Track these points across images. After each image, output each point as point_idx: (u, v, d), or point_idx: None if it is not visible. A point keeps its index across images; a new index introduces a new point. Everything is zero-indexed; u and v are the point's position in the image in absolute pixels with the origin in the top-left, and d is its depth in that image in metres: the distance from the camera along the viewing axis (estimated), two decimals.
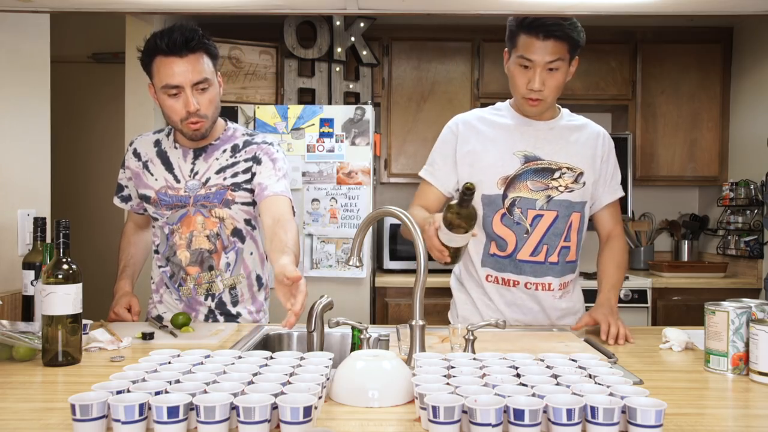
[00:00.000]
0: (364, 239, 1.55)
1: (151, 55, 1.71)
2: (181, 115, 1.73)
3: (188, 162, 1.85)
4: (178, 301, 1.89)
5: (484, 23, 3.73)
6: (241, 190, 1.83)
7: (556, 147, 1.82)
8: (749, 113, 3.65)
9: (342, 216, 3.24)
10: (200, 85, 1.71)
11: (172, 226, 1.85)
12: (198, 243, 1.83)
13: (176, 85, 1.69)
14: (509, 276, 1.83)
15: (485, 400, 0.97)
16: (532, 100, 1.76)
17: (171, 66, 1.68)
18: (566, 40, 1.70)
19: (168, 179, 1.85)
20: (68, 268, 1.39)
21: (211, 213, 1.83)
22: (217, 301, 1.88)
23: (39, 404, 1.15)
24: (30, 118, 2.10)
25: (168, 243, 1.87)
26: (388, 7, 1.87)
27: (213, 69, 1.76)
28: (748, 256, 3.53)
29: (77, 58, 4.01)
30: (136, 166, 1.89)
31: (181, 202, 1.83)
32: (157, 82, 1.72)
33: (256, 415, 0.94)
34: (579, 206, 1.83)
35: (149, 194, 1.86)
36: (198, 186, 1.83)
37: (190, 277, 1.86)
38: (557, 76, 1.73)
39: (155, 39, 1.69)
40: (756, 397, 1.22)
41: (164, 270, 1.89)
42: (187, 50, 1.68)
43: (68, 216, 1.54)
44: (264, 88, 3.61)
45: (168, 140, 1.89)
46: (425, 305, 1.42)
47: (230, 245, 1.85)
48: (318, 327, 1.48)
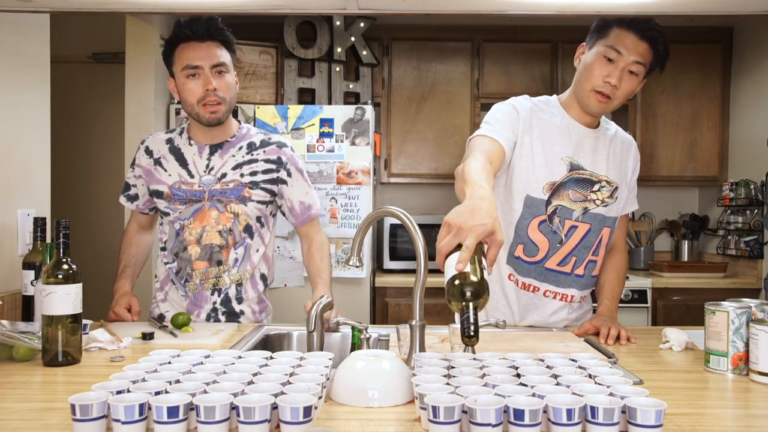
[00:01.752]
0: (364, 239, 1.55)
1: (174, 43, 1.81)
2: (198, 95, 1.79)
3: (203, 158, 1.88)
4: (183, 297, 1.90)
5: (484, 23, 3.72)
6: (258, 188, 1.87)
7: (596, 157, 1.76)
8: (749, 113, 3.65)
9: (342, 216, 3.24)
10: (218, 68, 1.79)
11: (184, 222, 1.87)
12: (209, 238, 1.85)
13: (196, 65, 1.78)
14: (531, 281, 1.78)
15: (485, 400, 0.97)
16: (603, 95, 1.66)
17: (191, 49, 1.78)
18: (655, 49, 1.64)
19: (182, 174, 1.87)
20: (68, 268, 1.39)
21: (226, 208, 1.86)
22: (223, 297, 1.88)
23: (39, 404, 1.15)
24: (30, 118, 2.10)
25: (178, 239, 1.88)
26: (388, 7, 1.87)
27: (231, 60, 1.84)
28: (748, 256, 3.53)
29: (77, 58, 4.01)
30: (148, 163, 1.91)
31: (196, 197, 1.86)
32: (178, 65, 1.80)
33: (256, 415, 0.94)
34: (610, 221, 1.79)
35: (162, 189, 1.87)
36: (213, 181, 1.86)
37: (197, 272, 1.87)
38: (632, 82, 1.66)
39: (179, 27, 1.79)
40: (756, 397, 1.22)
41: (170, 266, 1.90)
42: (208, 37, 1.79)
43: (68, 216, 1.54)
44: (264, 88, 3.61)
45: (181, 138, 1.92)
46: (425, 305, 1.42)
47: (240, 241, 1.88)
48: (318, 327, 1.49)
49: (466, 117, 3.78)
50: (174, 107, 3.36)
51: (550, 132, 1.73)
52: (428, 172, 3.81)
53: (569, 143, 1.74)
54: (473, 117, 3.78)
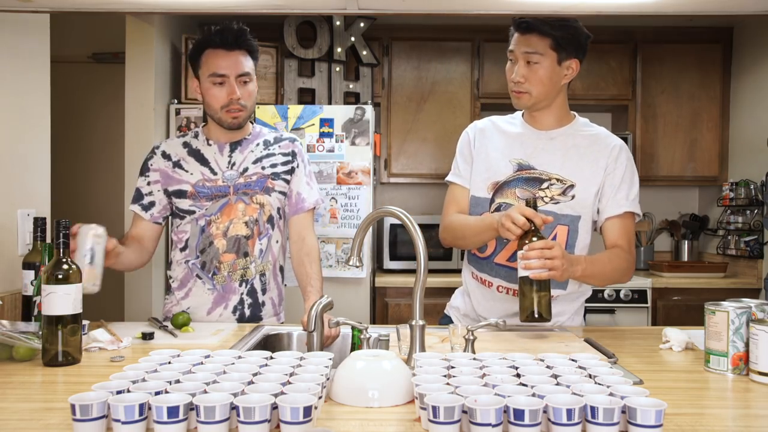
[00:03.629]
0: (364, 239, 1.55)
1: (201, 48, 1.88)
2: (222, 102, 1.87)
3: (225, 155, 1.95)
4: (211, 290, 1.92)
5: (484, 23, 3.73)
6: (280, 179, 1.97)
7: (551, 158, 1.82)
8: (749, 113, 3.65)
9: (342, 216, 3.24)
10: (243, 78, 1.88)
11: (210, 217, 1.91)
12: (235, 230, 1.91)
13: (222, 74, 1.85)
14: (485, 277, 1.87)
15: (485, 400, 0.97)
16: (516, 92, 1.82)
17: (219, 58, 1.86)
18: (547, 35, 1.75)
19: (204, 173, 1.93)
20: (68, 268, 1.39)
21: (252, 200, 1.93)
22: (249, 288, 1.93)
23: (39, 404, 1.15)
24: (30, 118, 2.10)
25: (203, 235, 1.92)
26: (388, 7, 1.88)
27: (254, 67, 1.92)
28: (748, 256, 3.53)
29: (77, 58, 4.01)
30: (166, 166, 1.95)
31: (221, 192, 1.92)
32: (205, 71, 1.87)
33: (256, 415, 0.95)
34: (566, 219, 1.79)
35: (185, 189, 1.92)
36: (236, 176, 1.93)
37: (225, 264, 1.91)
38: (538, 71, 1.77)
39: (209, 33, 1.87)
40: (756, 397, 1.22)
41: (194, 263, 1.93)
42: (236, 46, 1.86)
43: (68, 216, 1.54)
44: (264, 88, 3.61)
45: (198, 140, 1.98)
46: (425, 305, 1.42)
47: (264, 231, 1.95)
48: (318, 327, 1.49)
49: (466, 117, 3.78)
50: (174, 107, 3.36)
51: (503, 139, 1.88)
52: (428, 172, 3.81)
53: (521, 147, 1.85)
54: (473, 117, 3.78)
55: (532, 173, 1.82)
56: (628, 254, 1.80)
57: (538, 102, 1.81)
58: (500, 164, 1.85)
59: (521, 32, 1.78)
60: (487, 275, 1.86)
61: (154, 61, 3.26)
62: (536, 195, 1.80)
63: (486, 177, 1.85)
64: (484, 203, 1.85)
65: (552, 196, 1.80)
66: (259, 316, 1.95)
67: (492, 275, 1.85)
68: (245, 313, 1.93)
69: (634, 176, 1.83)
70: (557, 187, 1.80)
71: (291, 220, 2.01)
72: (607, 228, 1.82)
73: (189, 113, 3.35)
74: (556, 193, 1.80)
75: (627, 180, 1.81)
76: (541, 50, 1.76)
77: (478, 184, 1.87)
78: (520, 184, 1.82)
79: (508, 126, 1.92)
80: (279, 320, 2.00)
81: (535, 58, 1.77)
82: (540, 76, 1.78)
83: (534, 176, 1.82)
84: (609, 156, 1.82)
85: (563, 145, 1.84)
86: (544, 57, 1.77)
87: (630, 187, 1.82)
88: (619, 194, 1.80)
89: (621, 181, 1.81)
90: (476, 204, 1.86)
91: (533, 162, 1.83)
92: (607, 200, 1.81)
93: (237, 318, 1.92)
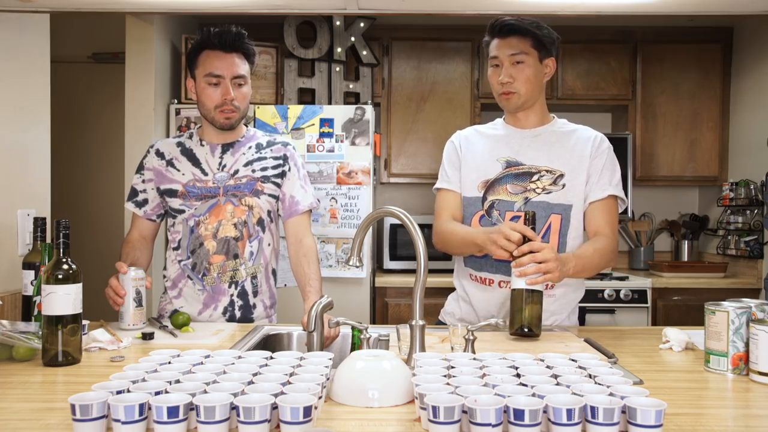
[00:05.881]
0: (364, 239, 1.55)
1: (199, 48, 1.91)
2: (216, 102, 1.89)
3: (216, 156, 1.97)
4: (201, 291, 1.92)
5: (484, 23, 3.68)
6: (269, 182, 1.96)
7: (538, 152, 1.86)
8: (749, 113, 3.65)
9: (342, 216, 3.24)
10: (238, 80, 1.90)
11: (199, 218, 1.92)
12: (225, 231, 1.92)
13: (218, 75, 1.87)
14: (486, 275, 1.87)
15: (485, 400, 0.97)
16: (505, 94, 1.85)
17: (217, 59, 1.88)
18: (528, 35, 1.81)
19: (195, 173, 1.94)
20: (68, 268, 1.39)
21: (241, 201, 1.93)
22: (239, 290, 1.93)
23: (39, 404, 1.15)
24: (30, 118, 2.10)
25: (192, 235, 1.93)
26: (388, 7, 1.88)
27: (249, 71, 1.95)
28: (748, 256, 3.53)
29: (77, 58, 4.01)
30: (160, 164, 1.97)
31: (211, 193, 1.93)
32: (201, 71, 1.90)
33: (256, 415, 0.95)
34: (559, 208, 1.83)
35: (176, 188, 1.93)
36: (226, 177, 1.94)
37: (215, 266, 1.91)
38: (525, 70, 1.82)
39: (208, 34, 1.89)
40: (756, 397, 1.22)
41: (185, 263, 1.93)
42: (233, 49, 1.89)
43: (68, 216, 1.54)
44: (264, 88, 3.61)
45: (192, 140, 2.00)
46: (425, 305, 1.42)
47: (254, 234, 1.95)
48: (318, 327, 1.49)
49: (466, 117, 3.78)
50: (174, 107, 3.36)
51: (489, 142, 1.92)
52: (428, 172, 3.80)
53: (507, 146, 1.89)
54: (473, 117, 3.78)
55: (521, 168, 1.86)
56: (611, 240, 1.83)
57: (526, 101, 1.86)
58: (488, 164, 1.88)
59: (501, 36, 1.83)
60: (488, 273, 1.86)
61: (154, 61, 3.26)
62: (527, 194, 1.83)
63: (476, 177, 1.88)
64: (476, 202, 1.87)
65: (543, 187, 1.83)
66: (250, 318, 1.95)
67: (493, 272, 1.85)
68: (235, 315, 1.93)
69: (615, 164, 1.89)
70: (548, 178, 1.84)
71: (287, 223, 2.01)
72: (591, 213, 1.85)
73: (189, 113, 3.35)
74: (547, 184, 1.84)
75: (609, 167, 1.87)
76: (525, 50, 1.81)
77: (469, 185, 1.90)
78: (510, 180, 1.85)
79: (491, 131, 1.96)
80: (271, 323, 2.00)
81: (520, 58, 1.81)
82: (527, 74, 1.82)
83: (523, 171, 1.85)
84: (592, 144, 1.87)
85: (547, 141, 1.89)
86: (528, 56, 1.82)
87: (612, 173, 1.87)
88: (602, 180, 1.85)
89: (603, 167, 1.86)
90: (469, 204, 1.89)
91: (521, 158, 1.87)
92: (591, 186, 1.85)
93: (227, 320, 1.93)
